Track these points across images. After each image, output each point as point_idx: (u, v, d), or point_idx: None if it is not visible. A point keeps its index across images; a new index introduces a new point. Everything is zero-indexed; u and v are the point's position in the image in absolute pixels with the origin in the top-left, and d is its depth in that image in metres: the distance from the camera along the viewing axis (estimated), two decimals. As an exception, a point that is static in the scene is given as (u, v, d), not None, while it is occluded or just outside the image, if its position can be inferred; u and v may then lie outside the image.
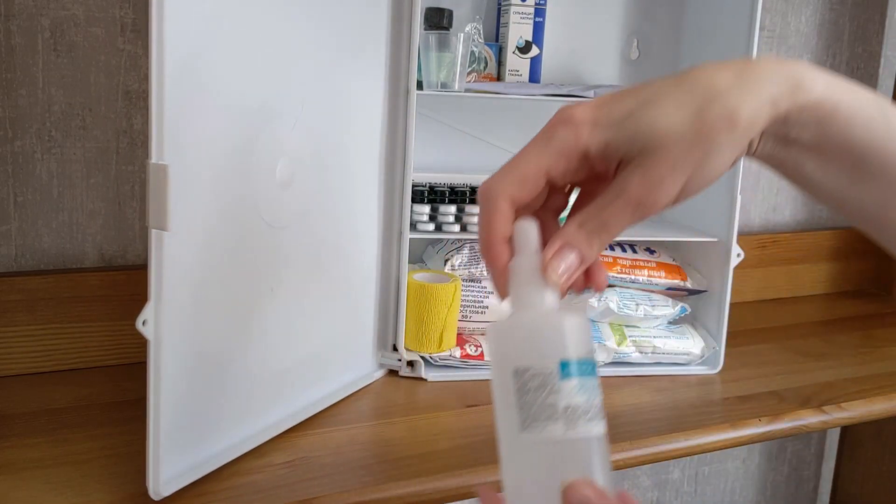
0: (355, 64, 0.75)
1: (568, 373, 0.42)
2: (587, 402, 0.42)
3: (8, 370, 0.81)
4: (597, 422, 0.42)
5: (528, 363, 0.43)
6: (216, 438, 0.63)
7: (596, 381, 0.43)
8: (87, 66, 0.84)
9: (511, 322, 0.45)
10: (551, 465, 0.42)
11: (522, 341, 0.44)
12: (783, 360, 0.98)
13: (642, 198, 0.44)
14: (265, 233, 0.66)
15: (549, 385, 0.42)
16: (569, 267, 0.45)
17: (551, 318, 0.44)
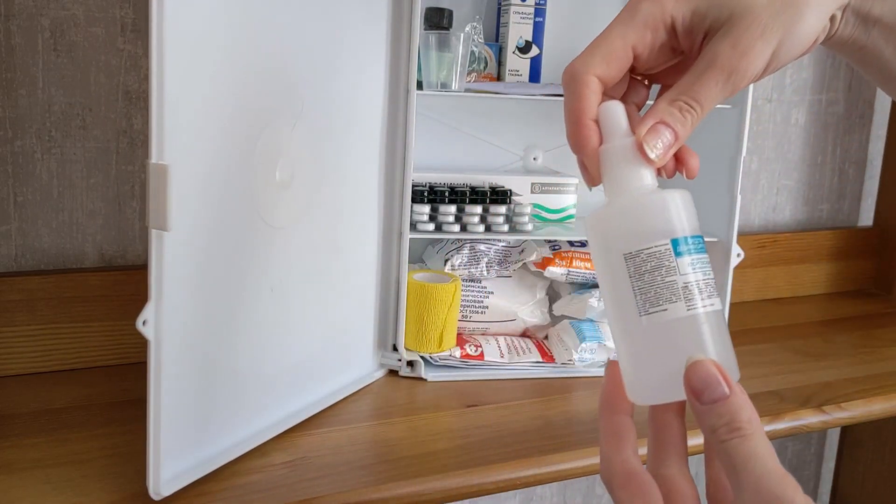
0: (355, 64, 0.75)
1: (681, 251, 0.42)
2: (703, 279, 0.42)
3: (8, 370, 0.81)
4: (714, 297, 0.42)
5: (640, 246, 0.42)
6: (216, 438, 0.63)
7: (706, 257, 0.43)
8: (87, 66, 0.84)
9: (612, 208, 0.44)
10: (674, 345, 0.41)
11: (630, 225, 0.43)
12: (783, 360, 0.98)
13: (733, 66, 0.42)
14: (265, 233, 0.66)
15: (665, 265, 0.42)
16: (665, 143, 0.43)
17: (655, 198, 0.43)
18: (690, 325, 0.41)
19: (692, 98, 0.43)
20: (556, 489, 1.24)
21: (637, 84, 0.48)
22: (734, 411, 0.37)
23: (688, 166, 0.45)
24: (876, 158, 1.38)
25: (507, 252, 0.93)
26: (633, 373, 0.42)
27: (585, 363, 0.88)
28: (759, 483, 0.35)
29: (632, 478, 0.40)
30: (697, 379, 0.38)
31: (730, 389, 0.37)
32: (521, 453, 0.69)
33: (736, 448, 0.36)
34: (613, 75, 0.44)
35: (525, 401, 0.81)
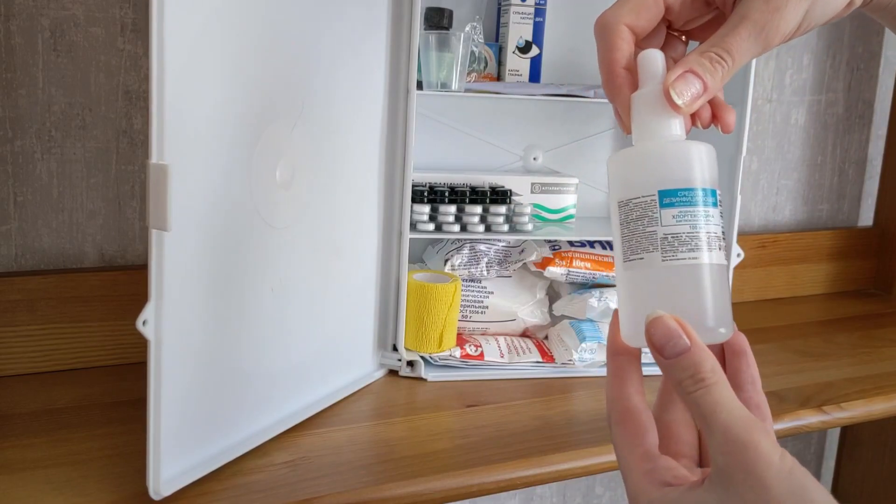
0: (355, 64, 0.75)
1: (670, 201, 0.41)
2: (691, 232, 0.41)
3: (8, 370, 0.81)
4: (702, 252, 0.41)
5: (630, 194, 0.43)
6: (216, 438, 0.63)
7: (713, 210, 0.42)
8: (87, 66, 0.84)
9: (622, 153, 0.43)
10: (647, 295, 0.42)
11: (626, 173, 0.43)
12: (783, 360, 0.98)
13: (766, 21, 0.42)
14: (265, 233, 0.66)
15: (648, 215, 0.42)
16: (693, 92, 0.42)
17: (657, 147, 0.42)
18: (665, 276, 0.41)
19: (724, 49, 0.42)
20: (556, 489, 1.24)
21: (674, 40, 0.47)
22: (697, 363, 0.38)
23: (723, 120, 0.44)
24: (876, 158, 1.38)
25: (507, 252, 0.93)
26: (622, 316, 0.43)
27: (585, 363, 0.88)
28: (727, 430, 0.36)
29: (629, 415, 0.41)
30: (658, 334, 0.39)
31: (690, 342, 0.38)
32: (521, 453, 0.69)
33: (702, 398, 0.37)
34: (644, 25, 0.44)
35: (525, 401, 0.81)
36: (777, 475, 0.35)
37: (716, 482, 0.36)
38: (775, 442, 0.36)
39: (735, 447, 0.36)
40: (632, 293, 0.43)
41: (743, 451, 0.35)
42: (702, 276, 0.41)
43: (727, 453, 0.36)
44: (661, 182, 0.42)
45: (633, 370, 0.43)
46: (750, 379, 0.43)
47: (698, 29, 0.47)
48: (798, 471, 0.36)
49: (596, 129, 1.06)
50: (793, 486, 0.35)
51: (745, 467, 0.35)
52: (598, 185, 1.07)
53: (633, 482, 0.40)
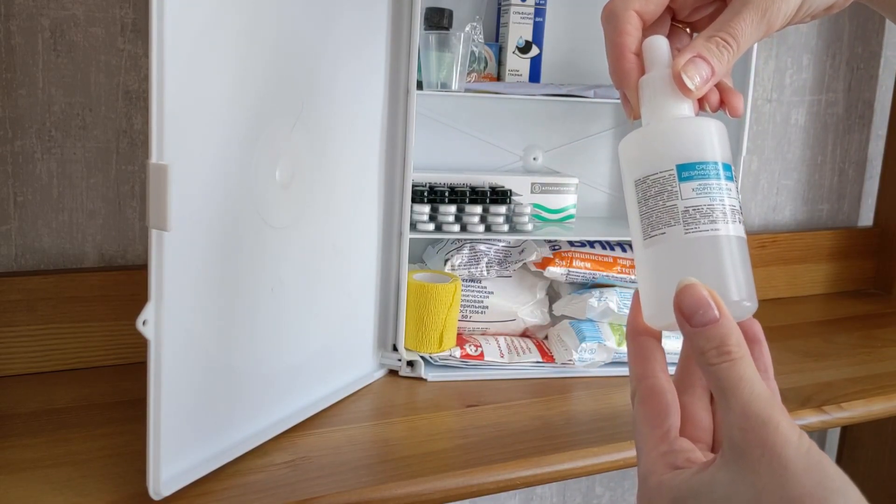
0: (355, 64, 0.75)
1: (688, 175, 0.42)
2: (711, 204, 0.41)
3: (8, 370, 0.81)
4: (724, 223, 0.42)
5: (647, 171, 0.43)
6: (216, 438, 0.63)
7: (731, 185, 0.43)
8: (87, 66, 0.84)
9: (635, 133, 0.44)
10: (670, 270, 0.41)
11: (641, 151, 0.44)
12: (783, 360, 0.98)
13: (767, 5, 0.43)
14: (265, 233, 0.66)
15: (668, 190, 0.42)
16: (703, 76, 0.43)
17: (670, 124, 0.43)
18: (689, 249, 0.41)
19: (729, 34, 0.43)
20: (556, 489, 1.24)
21: (679, 31, 0.49)
22: (724, 334, 0.37)
23: (730, 104, 0.45)
24: (876, 158, 1.38)
25: (507, 252, 0.93)
26: (644, 296, 0.43)
27: (585, 363, 0.88)
28: (748, 406, 0.36)
29: (654, 394, 0.41)
30: (688, 302, 0.38)
31: (720, 313, 0.38)
32: (521, 453, 0.69)
33: (726, 372, 0.37)
34: (652, 11, 0.45)
35: (525, 401, 0.81)
36: (796, 452, 0.35)
37: (729, 459, 0.36)
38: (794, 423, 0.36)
39: (755, 423, 0.35)
40: (654, 270, 0.42)
41: (763, 426, 0.35)
42: (725, 247, 0.42)
43: (745, 429, 0.35)
44: (678, 157, 0.42)
45: (657, 350, 0.43)
46: (763, 367, 0.43)
47: (702, 20, 0.48)
48: (816, 451, 0.35)
49: (596, 129, 1.06)
50: (810, 463, 0.35)
51: (763, 443, 0.35)
52: (598, 185, 1.07)
53: (646, 461, 0.40)
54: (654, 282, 0.42)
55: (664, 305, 0.40)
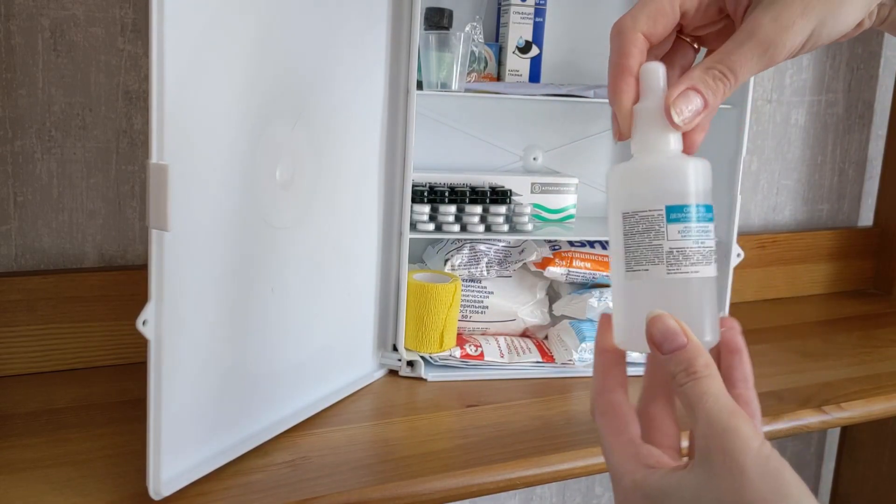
0: (355, 64, 0.75)
1: (676, 217, 0.43)
2: (694, 247, 0.43)
3: (8, 370, 0.81)
4: (702, 266, 0.44)
5: (636, 207, 0.44)
6: (216, 438, 0.63)
7: (709, 226, 0.44)
8: (87, 66, 0.84)
9: (627, 165, 0.45)
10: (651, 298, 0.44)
11: (632, 185, 0.45)
12: (783, 360, 0.98)
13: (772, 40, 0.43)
14: (265, 233, 0.66)
15: (654, 229, 0.43)
16: (693, 110, 0.43)
17: (662, 162, 0.44)
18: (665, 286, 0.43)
19: (728, 67, 0.43)
20: (556, 489, 1.24)
21: (684, 45, 0.48)
22: (690, 358, 0.40)
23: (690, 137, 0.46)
24: (876, 158, 1.38)
25: (507, 252, 0.93)
26: (618, 321, 0.45)
27: (585, 363, 0.88)
28: (710, 416, 0.38)
29: (613, 407, 0.43)
30: (657, 331, 0.41)
31: (688, 340, 0.41)
32: (521, 453, 0.69)
33: (692, 388, 0.39)
34: (660, 33, 0.45)
35: (525, 401, 0.81)
36: (754, 460, 0.36)
37: (698, 465, 0.38)
38: (757, 431, 0.38)
39: (716, 430, 0.37)
40: (633, 301, 0.44)
41: (723, 434, 0.37)
42: (702, 290, 0.44)
43: (708, 436, 0.38)
44: (668, 198, 0.43)
45: (620, 368, 0.45)
46: (742, 376, 0.44)
47: (709, 36, 0.48)
48: (775, 459, 0.37)
49: (596, 129, 1.06)
50: (768, 470, 0.36)
51: (723, 449, 0.37)
52: (598, 186, 1.07)
53: (617, 463, 0.42)
54: (632, 312, 0.44)
55: (638, 334, 0.43)
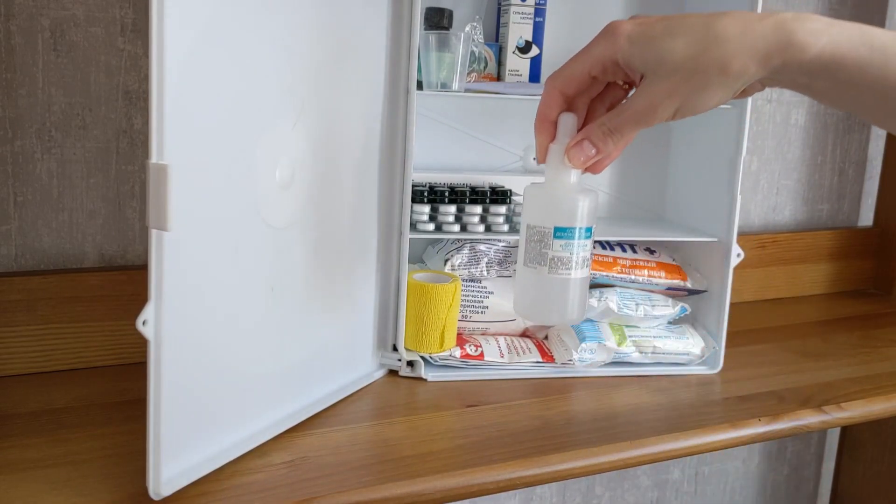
0: (355, 64, 0.75)
1: (560, 234, 0.62)
2: (570, 257, 0.63)
3: (8, 370, 0.81)
4: (577, 269, 0.63)
5: (536, 222, 0.63)
6: (216, 438, 0.63)
7: (586, 242, 0.63)
8: (87, 66, 0.84)
9: (537, 189, 0.64)
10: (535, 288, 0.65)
11: (535, 205, 0.64)
12: (783, 360, 0.98)
13: (643, 114, 0.56)
14: (265, 233, 0.66)
15: (544, 241, 0.63)
16: (586, 156, 0.59)
17: (560, 193, 0.62)
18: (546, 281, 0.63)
19: (614, 128, 0.58)
20: (556, 489, 1.24)
21: (616, 87, 0.61)
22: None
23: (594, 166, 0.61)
24: (876, 158, 1.38)
25: (507, 252, 0.93)
26: (518, 295, 0.66)
27: (585, 363, 0.88)
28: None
29: None
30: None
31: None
32: (521, 453, 0.69)
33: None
34: (573, 91, 0.60)
35: (525, 401, 0.81)
36: None
37: None
38: None
39: None
40: (527, 287, 0.65)
41: None
42: (571, 287, 0.64)
43: None
44: (556, 220, 0.62)
45: None
46: None
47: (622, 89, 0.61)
48: None
49: (596, 129, 1.06)
50: None
51: None
52: (599, 186, 1.07)
53: None
54: (526, 294, 0.65)
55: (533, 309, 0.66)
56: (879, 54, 0.49)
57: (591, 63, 0.57)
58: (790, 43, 0.50)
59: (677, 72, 0.53)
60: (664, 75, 0.54)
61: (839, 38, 0.50)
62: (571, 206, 0.62)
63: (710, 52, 0.52)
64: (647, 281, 0.93)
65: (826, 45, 0.50)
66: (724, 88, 0.53)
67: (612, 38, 0.56)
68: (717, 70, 0.52)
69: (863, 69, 0.50)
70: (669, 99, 0.54)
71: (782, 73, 0.52)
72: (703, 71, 0.52)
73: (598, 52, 0.57)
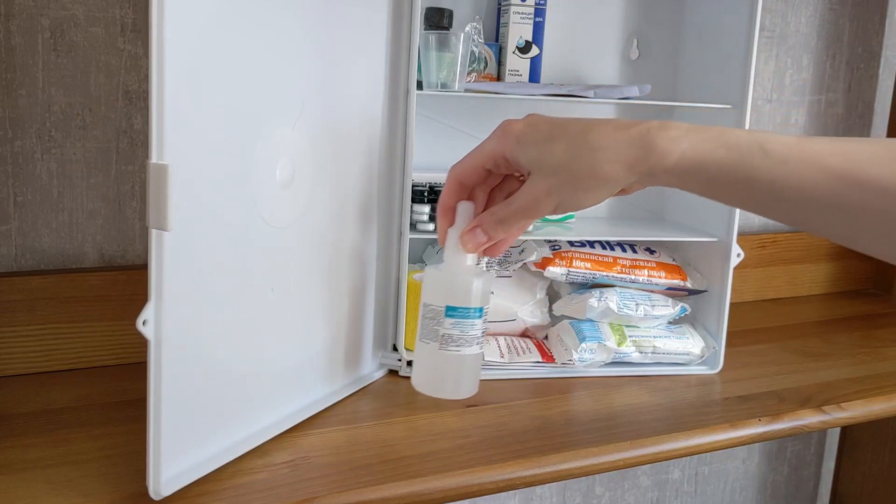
0: (355, 64, 0.75)
1: (451, 314, 0.69)
2: (460, 335, 0.68)
3: (8, 370, 0.81)
4: (467, 347, 0.69)
5: (431, 301, 0.69)
6: (216, 438, 0.63)
7: (477, 322, 0.69)
8: (87, 66, 0.84)
9: (434, 270, 0.70)
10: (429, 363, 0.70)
11: (432, 285, 0.70)
12: (783, 360, 0.98)
13: (526, 209, 0.62)
14: (265, 233, 0.66)
15: (437, 319, 0.69)
16: (477, 243, 0.66)
17: (455, 275, 0.68)
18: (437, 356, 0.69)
19: (501, 219, 0.64)
20: (556, 489, 1.24)
21: (513, 177, 0.67)
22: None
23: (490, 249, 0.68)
24: (876, 158, 1.38)
25: (507, 252, 0.93)
26: (417, 365, 0.72)
27: (585, 363, 0.88)
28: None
29: None
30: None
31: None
32: (521, 453, 0.69)
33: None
34: (471, 182, 0.66)
35: (525, 401, 0.81)
36: None
37: None
38: None
39: None
40: (422, 359, 0.71)
41: None
42: (463, 363, 0.69)
43: None
44: (448, 301, 0.68)
45: None
46: None
47: None
48: None
49: (596, 129, 1.06)
50: None
51: None
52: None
53: None
54: (422, 365, 0.71)
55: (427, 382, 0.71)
56: (736, 153, 0.54)
57: (485, 158, 0.64)
58: (652, 152, 0.55)
59: (556, 173, 0.58)
60: (545, 175, 0.59)
61: (698, 143, 0.55)
62: (465, 287, 0.68)
63: (583, 159, 0.57)
64: (647, 281, 0.93)
65: (686, 151, 0.55)
66: (597, 191, 0.58)
67: (504, 137, 0.62)
68: (589, 175, 0.57)
69: (724, 169, 0.54)
70: (549, 197, 0.59)
71: (652, 177, 0.56)
72: (578, 175, 0.58)
73: (490, 149, 0.63)
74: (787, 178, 0.52)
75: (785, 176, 0.52)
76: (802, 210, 0.53)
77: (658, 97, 1.03)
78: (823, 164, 0.52)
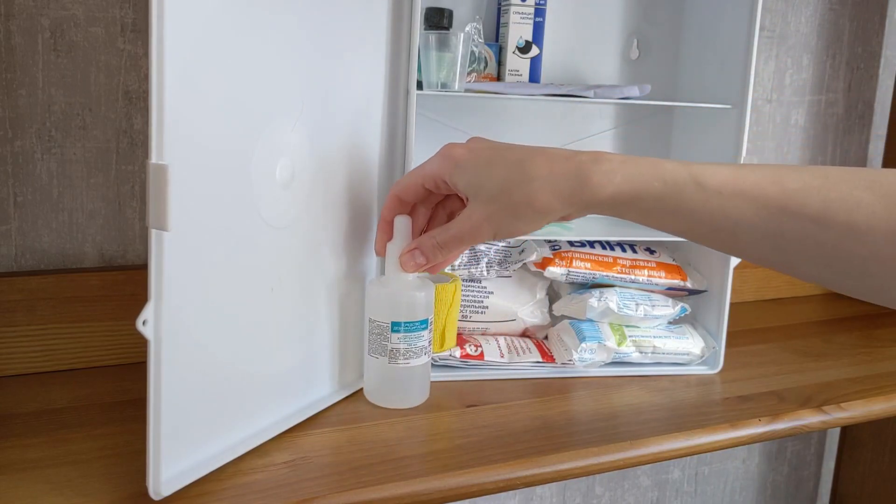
0: (355, 64, 0.75)
1: (396, 329, 0.72)
2: (407, 348, 0.72)
3: (8, 370, 0.81)
4: (416, 358, 0.73)
5: (376, 317, 0.73)
6: (216, 438, 0.63)
7: (423, 333, 0.73)
8: (87, 66, 0.84)
9: (376, 286, 0.73)
10: (379, 375, 0.75)
11: (375, 301, 0.73)
12: (783, 360, 0.98)
13: (464, 236, 0.63)
14: (265, 233, 0.66)
15: (384, 334, 0.72)
16: (416, 263, 0.68)
17: (397, 291, 0.71)
18: (387, 369, 0.73)
19: (441, 243, 0.65)
20: (556, 489, 1.24)
21: (454, 197, 0.68)
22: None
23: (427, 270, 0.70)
24: (876, 159, 1.38)
25: (507, 252, 0.93)
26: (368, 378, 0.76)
27: (585, 363, 0.88)
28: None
29: None
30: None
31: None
32: (521, 453, 0.69)
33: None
34: (410, 199, 0.68)
35: (525, 401, 0.81)
36: None
37: None
38: None
39: None
40: (372, 370, 0.75)
41: None
42: (411, 373, 0.74)
43: None
44: (393, 316, 0.71)
45: None
46: None
47: None
48: None
49: (596, 129, 1.06)
50: None
51: None
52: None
53: None
54: (372, 378, 0.75)
55: (379, 394, 0.76)
56: (672, 186, 0.54)
57: (424, 178, 0.65)
58: (586, 185, 0.56)
59: (493, 201, 0.59)
60: (483, 202, 0.60)
61: (632, 176, 0.55)
62: (409, 302, 0.71)
63: (520, 188, 0.58)
64: (647, 281, 0.93)
65: (621, 184, 0.55)
66: (533, 220, 0.59)
67: (445, 161, 0.62)
68: (525, 204, 0.58)
69: (659, 201, 0.55)
70: (487, 223, 0.60)
71: (589, 208, 0.57)
72: (514, 203, 0.58)
73: (431, 170, 0.64)
74: (722, 209, 0.53)
75: (720, 207, 0.53)
76: (740, 240, 0.54)
77: (658, 97, 1.03)
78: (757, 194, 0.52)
